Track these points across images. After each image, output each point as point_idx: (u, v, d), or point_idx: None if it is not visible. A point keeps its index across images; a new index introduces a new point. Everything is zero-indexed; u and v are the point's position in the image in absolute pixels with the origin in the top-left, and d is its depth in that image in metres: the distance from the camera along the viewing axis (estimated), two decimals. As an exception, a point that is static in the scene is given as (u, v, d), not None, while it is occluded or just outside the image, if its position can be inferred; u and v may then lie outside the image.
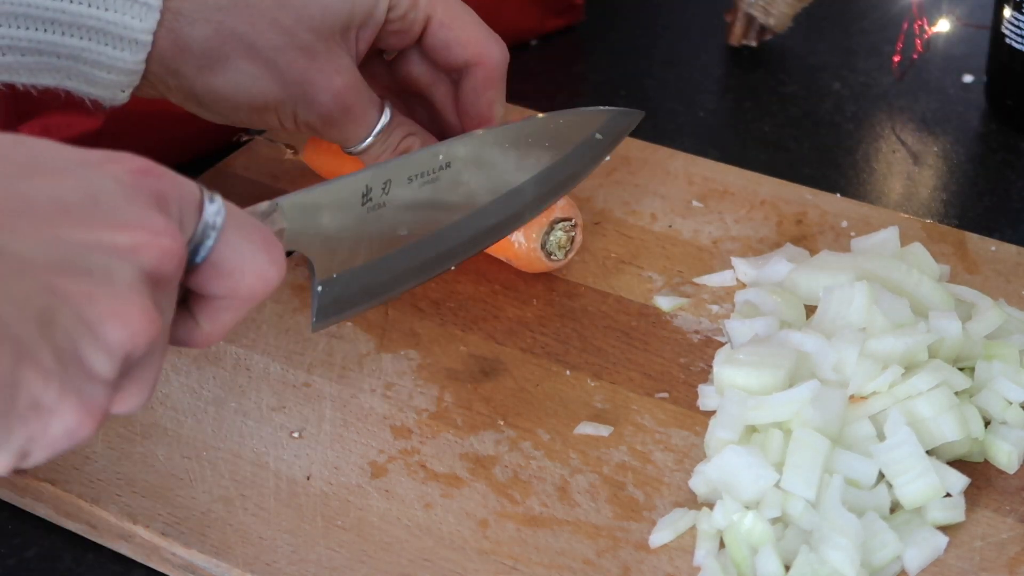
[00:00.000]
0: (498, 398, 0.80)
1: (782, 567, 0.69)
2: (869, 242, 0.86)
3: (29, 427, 0.52)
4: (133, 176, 0.56)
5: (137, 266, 0.54)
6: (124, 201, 0.55)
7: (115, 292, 0.53)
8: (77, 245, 0.53)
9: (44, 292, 0.51)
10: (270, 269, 0.59)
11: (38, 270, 0.51)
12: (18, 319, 0.50)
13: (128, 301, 0.53)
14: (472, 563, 0.72)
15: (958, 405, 0.75)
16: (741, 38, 1.12)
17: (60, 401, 0.52)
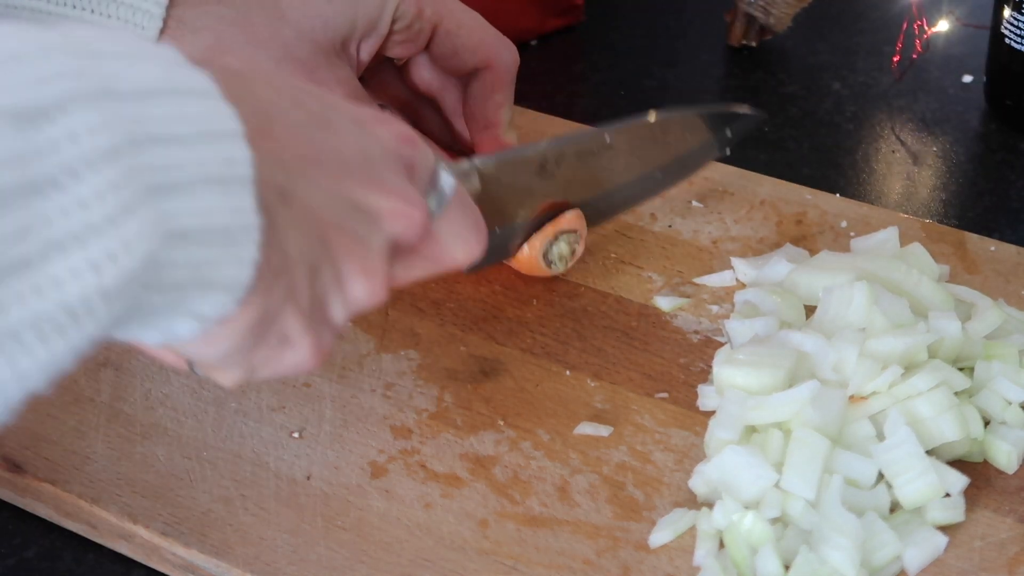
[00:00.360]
0: (498, 398, 0.80)
1: (782, 567, 0.69)
2: (869, 242, 0.86)
3: (270, 353, 0.56)
4: (397, 142, 0.59)
5: (388, 232, 0.58)
6: (386, 167, 0.58)
7: (367, 254, 0.57)
8: (350, 203, 0.56)
9: (319, 242, 0.55)
10: (476, 248, 0.63)
11: (319, 220, 0.55)
12: (296, 261, 0.54)
13: (375, 265, 0.57)
14: (472, 563, 0.72)
15: (958, 405, 0.75)
16: (741, 38, 1.12)
17: (302, 338, 0.56)
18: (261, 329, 0.54)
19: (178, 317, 0.51)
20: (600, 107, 1.07)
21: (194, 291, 0.50)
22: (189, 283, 0.49)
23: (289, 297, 0.54)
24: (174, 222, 0.47)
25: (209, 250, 0.49)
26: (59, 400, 0.80)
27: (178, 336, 0.51)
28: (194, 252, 0.49)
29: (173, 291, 0.49)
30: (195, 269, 0.49)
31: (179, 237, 0.48)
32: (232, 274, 0.50)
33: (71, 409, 0.80)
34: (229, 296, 0.51)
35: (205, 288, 0.50)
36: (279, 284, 0.53)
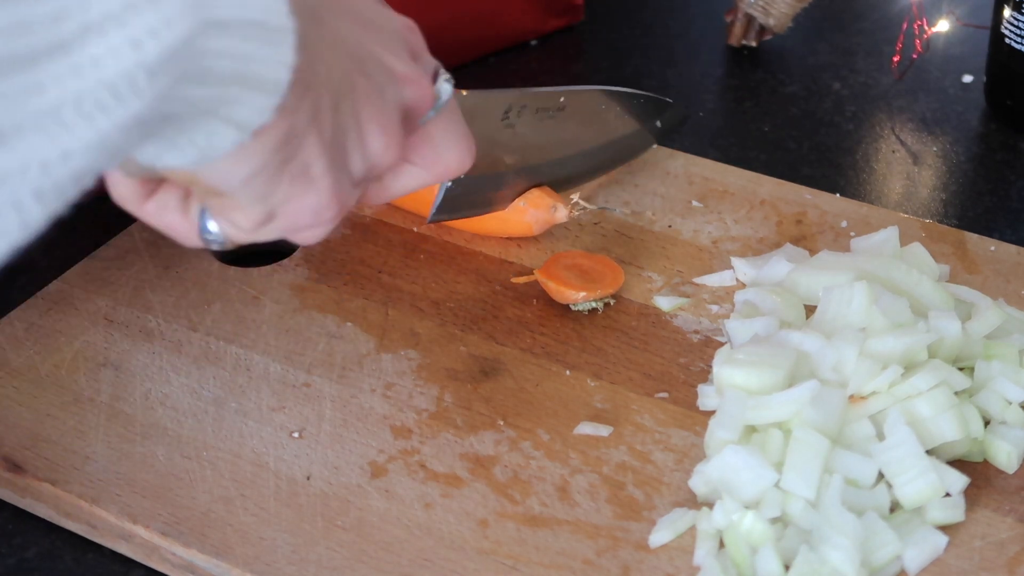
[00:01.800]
0: (498, 398, 0.80)
1: (782, 567, 0.69)
2: (869, 242, 0.86)
3: (291, 188, 0.58)
4: (406, 29, 0.64)
5: (401, 95, 0.61)
6: (399, 42, 0.62)
7: (384, 106, 0.60)
8: (373, 54, 0.60)
9: (344, 74, 0.57)
10: (467, 156, 0.66)
11: (346, 52, 0.58)
12: (324, 83, 0.56)
13: (391, 120, 0.60)
14: (472, 563, 0.72)
15: (958, 405, 0.75)
16: (741, 38, 1.12)
17: (323, 175, 0.58)
18: (287, 150, 0.55)
19: (218, 124, 0.52)
20: (600, 107, 1.07)
21: (235, 89, 0.51)
22: (230, 78, 0.50)
23: (314, 122, 0.56)
24: (210, 11, 0.48)
25: (248, 44, 0.50)
26: (59, 400, 0.80)
27: (216, 147, 0.52)
28: (234, 44, 0.50)
29: (214, 86, 0.50)
30: (235, 62, 0.50)
31: (218, 26, 0.49)
32: (271, 74, 0.52)
33: (71, 409, 0.80)
34: (268, 99, 0.52)
35: (245, 86, 0.51)
36: (306, 103, 0.55)
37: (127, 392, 0.81)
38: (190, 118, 0.51)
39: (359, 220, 0.92)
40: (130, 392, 0.81)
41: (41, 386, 0.81)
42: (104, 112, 0.46)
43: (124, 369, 0.82)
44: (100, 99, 0.46)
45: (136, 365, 0.82)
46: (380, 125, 0.60)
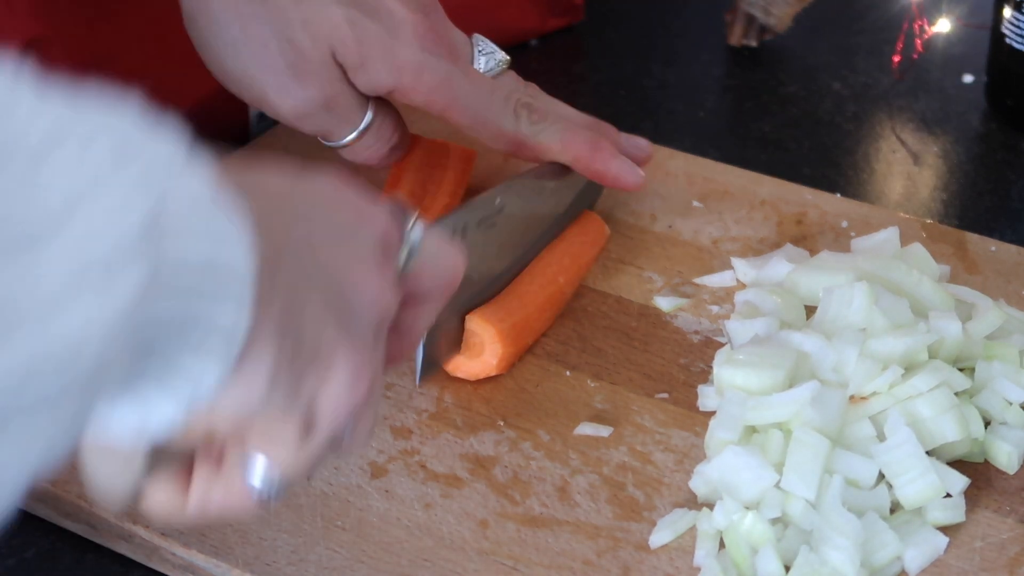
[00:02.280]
0: (498, 398, 0.80)
1: (782, 567, 0.69)
2: (869, 242, 0.86)
3: (315, 374, 0.54)
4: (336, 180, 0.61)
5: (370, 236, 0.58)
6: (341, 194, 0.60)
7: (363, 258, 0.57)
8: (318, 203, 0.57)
9: (305, 239, 0.55)
10: (459, 259, 0.64)
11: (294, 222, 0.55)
12: (293, 246, 0.54)
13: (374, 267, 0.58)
14: (472, 563, 0.72)
15: (958, 405, 0.75)
16: (741, 38, 1.12)
17: (337, 341, 0.55)
18: (290, 340, 0.53)
19: (196, 355, 0.49)
20: (600, 107, 1.07)
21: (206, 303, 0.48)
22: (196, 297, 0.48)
23: (307, 289, 0.54)
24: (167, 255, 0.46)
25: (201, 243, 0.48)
26: (59, 400, 0.80)
27: (199, 386, 0.49)
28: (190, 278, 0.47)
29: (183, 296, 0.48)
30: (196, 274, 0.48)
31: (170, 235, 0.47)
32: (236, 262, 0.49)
33: (71, 409, 0.80)
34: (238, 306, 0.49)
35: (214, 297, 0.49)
36: (286, 270, 0.53)
37: (127, 392, 0.81)
38: (165, 352, 0.48)
39: (359, 220, 0.92)
40: (130, 392, 0.81)
41: (41, 386, 0.81)
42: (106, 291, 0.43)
43: (124, 369, 0.82)
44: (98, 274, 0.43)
45: (136, 365, 0.82)
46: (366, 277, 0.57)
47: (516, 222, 0.85)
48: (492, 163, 0.96)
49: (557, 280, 0.84)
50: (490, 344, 0.80)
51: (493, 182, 0.95)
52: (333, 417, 0.56)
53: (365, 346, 0.57)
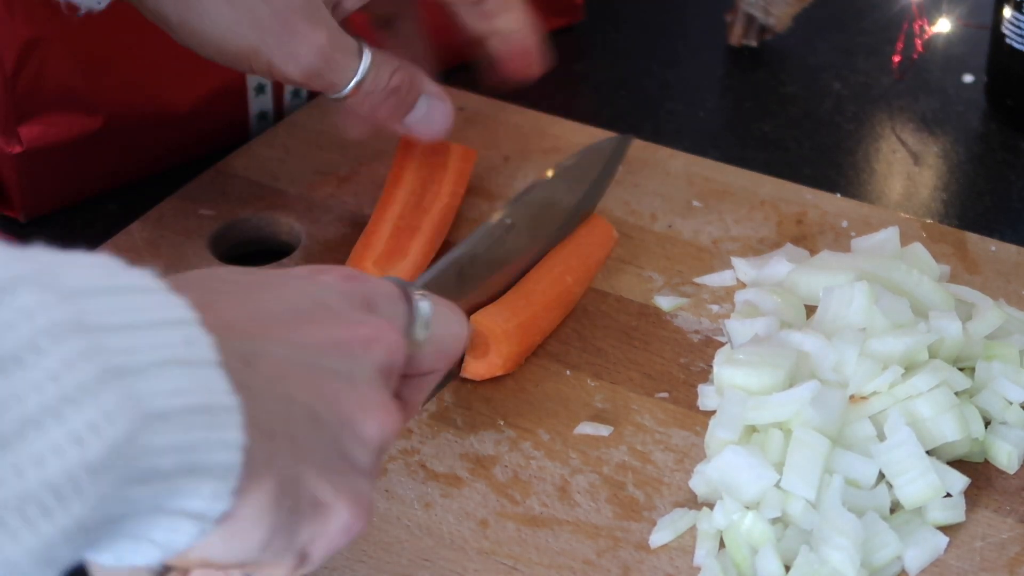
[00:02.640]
0: (498, 398, 0.80)
1: (782, 567, 0.69)
2: (869, 242, 0.86)
3: (312, 525, 0.54)
4: (344, 283, 0.59)
5: (372, 362, 0.56)
6: (345, 305, 0.58)
7: (360, 389, 0.55)
8: (319, 347, 0.55)
9: (305, 391, 0.53)
10: (464, 330, 0.64)
11: (296, 371, 0.53)
12: (288, 418, 0.52)
13: (374, 397, 0.56)
14: (472, 563, 0.72)
15: (958, 405, 0.75)
16: (741, 38, 1.12)
17: (336, 496, 0.54)
18: (288, 501, 0.52)
19: (172, 519, 0.48)
20: (600, 107, 1.07)
21: (183, 481, 0.47)
22: (177, 472, 0.47)
23: (300, 458, 0.53)
24: (148, 403, 0.46)
25: (191, 433, 0.47)
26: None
27: (177, 541, 0.49)
28: (177, 436, 0.47)
29: (160, 482, 0.47)
30: (181, 454, 0.47)
31: (158, 418, 0.46)
32: (221, 459, 0.48)
33: (71, 409, 0.80)
34: (221, 484, 0.49)
35: (194, 476, 0.48)
36: (282, 449, 0.52)
37: (127, 392, 0.81)
38: (137, 517, 0.47)
39: (359, 219, 0.92)
40: (130, 392, 0.81)
41: (41, 386, 0.81)
42: (47, 516, 0.43)
43: (124, 369, 0.82)
44: (43, 502, 0.43)
45: (136, 365, 0.82)
46: (364, 408, 0.55)
47: (526, 236, 0.85)
48: (492, 163, 0.97)
49: (564, 280, 0.84)
50: (495, 344, 0.80)
51: (493, 181, 0.95)
52: (327, 554, 0.55)
53: (365, 481, 0.56)
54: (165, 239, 0.91)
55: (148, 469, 0.46)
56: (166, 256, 0.89)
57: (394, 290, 0.61)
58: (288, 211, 0.93)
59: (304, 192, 0.95)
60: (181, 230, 0.91)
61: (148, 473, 0.46)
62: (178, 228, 0.92)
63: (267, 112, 1.02)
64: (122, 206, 0.97)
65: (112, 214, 0.97)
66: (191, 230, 0.91)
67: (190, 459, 0.47)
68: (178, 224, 0.92)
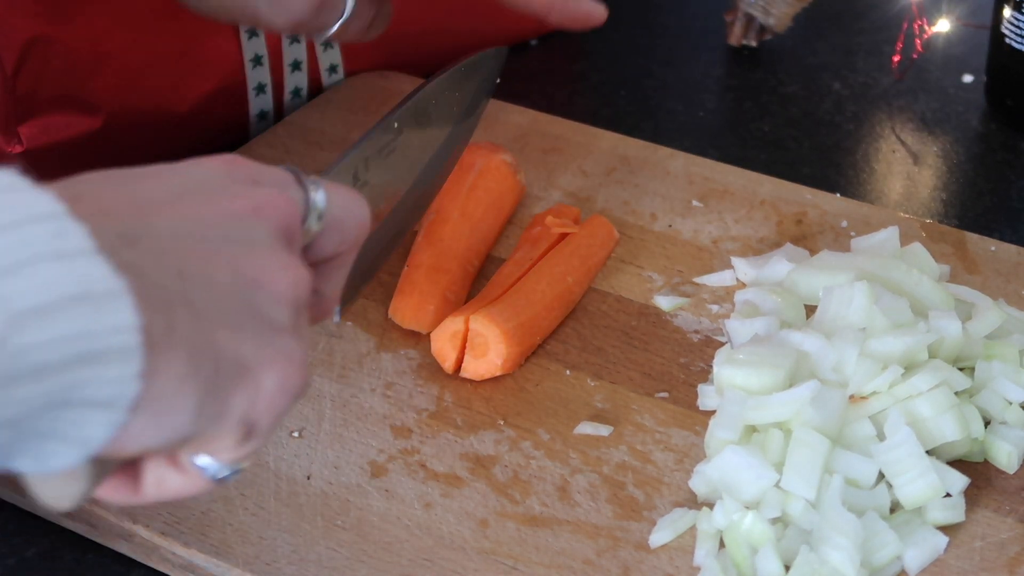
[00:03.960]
0: (498, 398, 0.80)
1: (782, 567, 0.69)
2: (869, 242, 0.86)
3: (243, 389, 0.52)
4: (227, 165, 0.58)
5: (266, 228, 0.55)
6: (229, 182, 0.56)
7: (259, 252, 0.54)
8: (209, 220, 0.54)
9: (199, 262, 0.52)
10: (364, 211, 0.62)
11: (186, 245, 0.52)
12: (184, 289, 0.51)
13: (276, 256, 0.55)
14: (472, 563, 0.72)
15: (958, 405, 0.75)
16: (741, 38, 1.12)
17: (259, 353, 0.53)
18: (206, 368, 0.51)
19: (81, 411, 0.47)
20: (600, 107, 1.07)
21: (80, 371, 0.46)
22: (68, 363, 0.46)
23: (207, 324, 0.51)
24: (18, 302, 0.45)
25: (76, 323, 0.46)
26: (59, 400, 0.80)
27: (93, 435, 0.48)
28: (58, 328, 0.46)
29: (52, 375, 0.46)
30: (68, 345, 0.46)
31: (33, 314, 0.45)
32: (116, 342, 0.47)
33: (71, 409, 0.80)
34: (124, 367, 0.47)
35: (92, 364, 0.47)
36: (182, 319, 0.50)
37: (127, 392, 0.81)
38: (41, 416, 0.46)
39: (359, 220, 0.92)
40: (130, 392, 0.81)
41: (41, 386, 0.81)
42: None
43: (124, 369, 0.82)
44: None
45: (136, 365, 0.82)
46: (272, 267, 0.55)
47: (416, 140, 0.83)
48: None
49: (565, 279, 0.84)
50: (495, 344, 0.80)
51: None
52: (271, 418, 0.54)
53: (289, 338, 0.55)
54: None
55: (36, 365, 0.45)
56: (166, 256, 0.89)
57: (284, 173, 0.60)
58: (288, 211, 0.93)
59: (304, 192, 0.95)
60: (181, 230, 0.91)
61: (37, 369, 0.45)
62: (178, 228, 0.92)
63: (267, 112, 1.02)
64: (122, 206, 0.97)
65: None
66: (191, 230, 0.91)
67: (81, 348, 0.46)
68: (178, 224, 0.92)
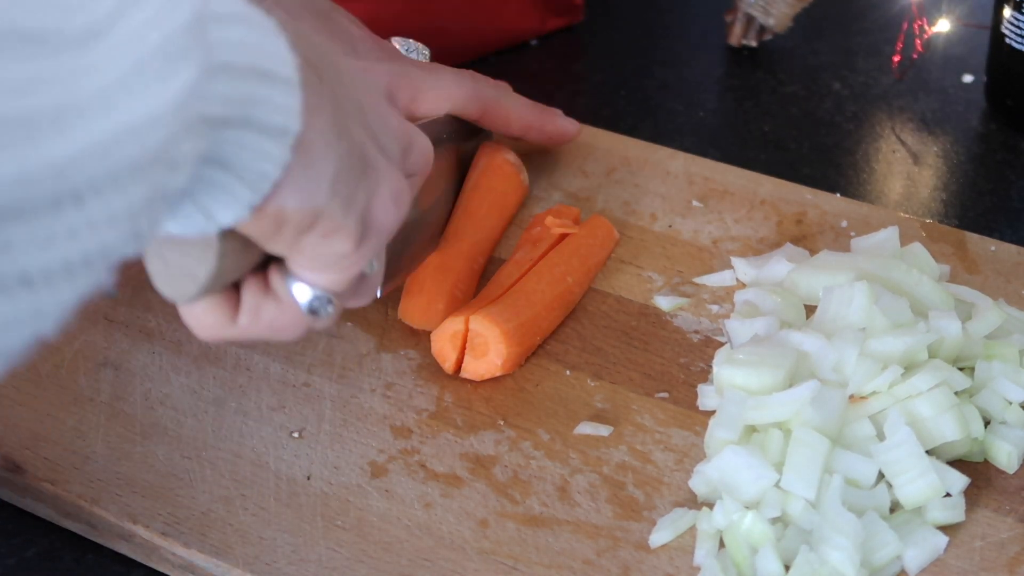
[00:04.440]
0: (498, 398, 0.80)
1: (782, 567, 0.69)
2: (869, 242, 0.86)
3: (367, 184, 0.60)
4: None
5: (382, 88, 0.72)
6: None
7: (381, 98, 0.65)
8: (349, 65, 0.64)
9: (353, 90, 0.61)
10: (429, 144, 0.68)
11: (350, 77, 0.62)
12: (332, 77, 0.59)
13: (390, 107, 0.65)
14: (472, 563, 0.72)
15: (958, 405, 0.75)
16: (741, 38, 1.12)
17: (377, 161, 0.61)
18: (345, 141, 0.58)
19: (257, 136, 0.53)
20: (600, 107, 1.07)
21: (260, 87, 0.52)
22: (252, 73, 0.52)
23: (347, 114, 0.59)
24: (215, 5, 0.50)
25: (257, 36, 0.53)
26: (59, 400, 0.80)
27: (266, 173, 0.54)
28: (245, 34, 0.52)
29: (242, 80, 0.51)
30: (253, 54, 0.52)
31: (227, 18, 0.51)
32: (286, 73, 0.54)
33: (71, 409, 0.80)
34: (291, 98, 0.54)
35: (267, 82, 0.53)
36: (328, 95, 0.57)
37: (127, 392, 0.81)
38: (229, 138, 0.52)
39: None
40: (130, 392, 0.81)
41: (41, 386, 0.81)
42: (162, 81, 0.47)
43: (124, 369, 0.82)
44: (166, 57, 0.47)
45: (136, 365, 0.82)
46: (387, 113, 0.64)
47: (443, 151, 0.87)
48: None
49: (565, 280, 0.84)
50: (495, 345, 0.80)
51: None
52: (383, 227, 0.61)
53: (396, 170, 0.62)
54: (165, 239, 0.91)
55: (227, 63, 0.51)
56: (166, 256, 0.89)
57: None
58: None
59: (304, 192, 0.95)
60: (181, 230, 0.91)
61: (228, 66, 0.51)
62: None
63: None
64: (122, 206, 0.97)
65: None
66: (191, 230, 0.91)
67: (257, 61, 0.52)
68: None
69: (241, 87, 0.51)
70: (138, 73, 0.45)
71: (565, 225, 0.88)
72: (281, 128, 0.54)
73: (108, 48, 0.45)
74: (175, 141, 0.47)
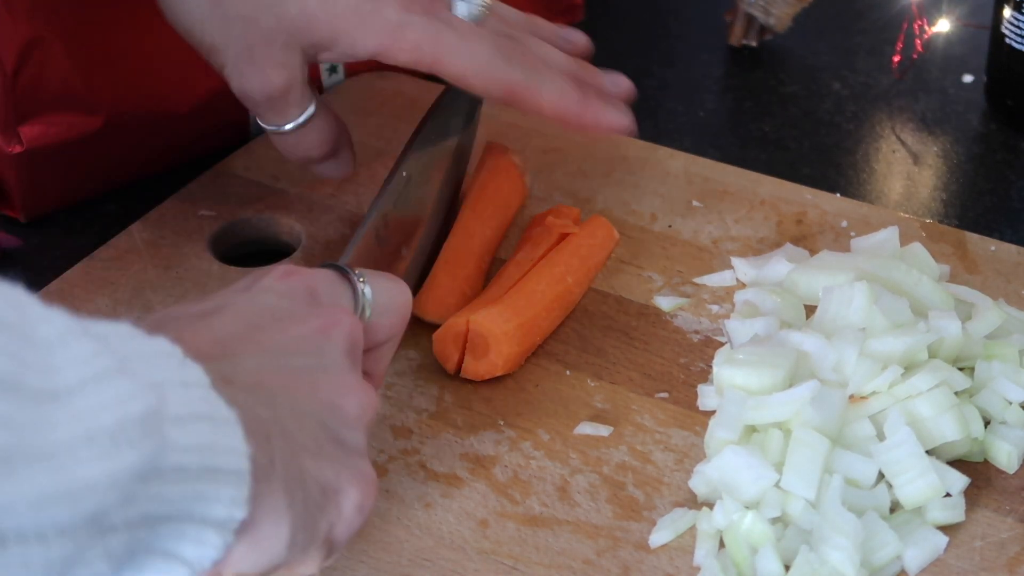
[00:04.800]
0: (498, 398, 0.80)
1: (782, 567, 0.69)
2: (869, 242, 0.86)
3: (328, 513, 0.58)
4: (283, 282, 0.63)
5: (336, 348, 0.61)
6: (292, 303, 0.62)
7: (332, 374, 0.60)
8: (284, 347, 0.60)
9: (284, 391, 0.58)
10: (406, 295, 0.68)
11: (271, 376, 0.58)
12: (277, 420, 0.56)
13: (346, 379, 0.61)
14: (472, 563, 0.72)
15: (958, 405, 0.75)
16: (741, 38, 1.12)
17: (339, 478, 0.59)
18: (299, 495, 0.56)
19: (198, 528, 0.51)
20: (600, 107, 1.07)
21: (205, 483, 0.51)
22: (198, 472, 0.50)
23: (298, 452, 0.57)
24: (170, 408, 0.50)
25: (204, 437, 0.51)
26: (59, 400, 0.80)
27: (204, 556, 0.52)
28: (193, 438, 0.50)
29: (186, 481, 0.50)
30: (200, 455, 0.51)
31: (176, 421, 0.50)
32: (233, 464, 0.52)
33: (71, 409, 0.80)
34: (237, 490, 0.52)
35: (214, 479, 0.51)
36: (279, 449, 0.55)
37: (127, 392, 0.81)
38: (170, 525, 0.50)
39: (359, 219, 0.92)
40: (130, 392, 0.81)
41: (41, 386, 0.81)
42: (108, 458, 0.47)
43: (124, 369, 0.82)
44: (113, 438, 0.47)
45: (136, 365, 0.82)
46: (342, 394, 0.60)
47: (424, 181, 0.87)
48: (492, 163, 0.96)
49: (565, 280, 0.84)
50: (495, 345, 0.80)
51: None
52: (347, 537, 0.60)
53: (361, 459, 0.60)
54: (165, 240, 0.91)
55: (177, 465, 0.49)
56: (166, 256, 0.89)
57: (333, 275, 0.65)
58: (288, 211, 0.93)
59: (304, 192, 0.95)
60: (181, 231, 0.91)
61: (178, 469, 0.49)
62: (178, 229, 0.92)
63: (267, 112, 1.02)
64: (122, 207, 0.97)
65: (112, 214, 0.97)
66: (191, 231, 0.91)
67: (209, 461, 0.51)
68: (178, 225, 0.92)
69: (189, 488, 0.50)
70: (87, 443, 0.46)
71: (565, 225, 0.88)
72: (224, 519, 0.52)
73: (66, 412, 0.46)
74: (108, 515, 0.47)
